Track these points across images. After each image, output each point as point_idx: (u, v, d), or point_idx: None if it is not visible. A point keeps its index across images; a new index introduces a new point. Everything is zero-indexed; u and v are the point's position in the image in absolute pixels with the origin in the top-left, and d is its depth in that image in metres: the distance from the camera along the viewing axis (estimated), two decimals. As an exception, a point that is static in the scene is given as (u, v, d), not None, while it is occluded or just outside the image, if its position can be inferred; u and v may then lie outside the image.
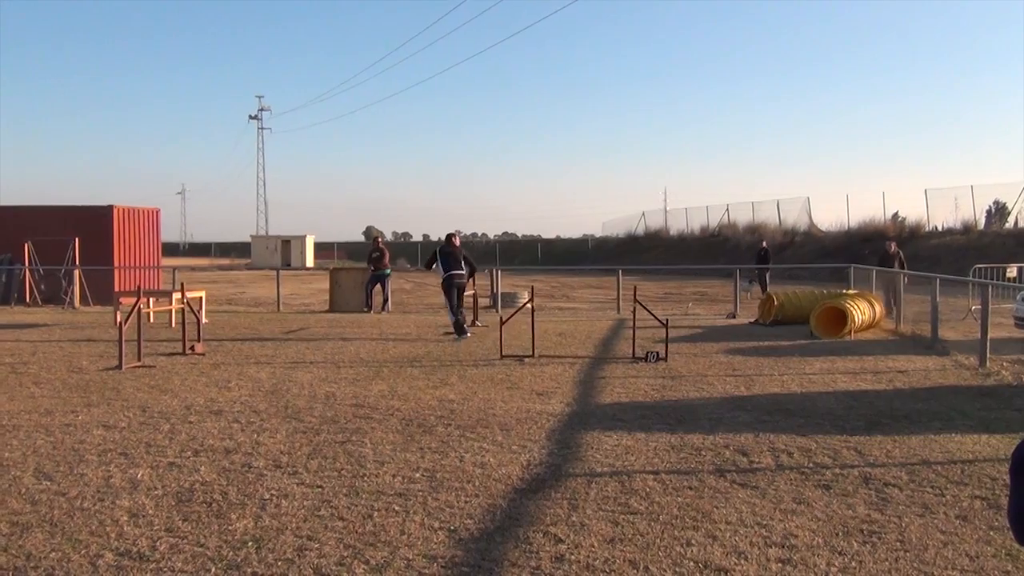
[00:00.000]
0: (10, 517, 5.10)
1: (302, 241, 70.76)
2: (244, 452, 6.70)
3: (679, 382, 10.10)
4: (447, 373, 10.83)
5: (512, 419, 7.97)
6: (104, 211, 25.21)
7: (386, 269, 21.91)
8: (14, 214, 25.67)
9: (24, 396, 9.17)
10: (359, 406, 8.59)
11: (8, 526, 4.94)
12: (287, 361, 11.97)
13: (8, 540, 4.70)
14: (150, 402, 8.82)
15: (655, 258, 57.84)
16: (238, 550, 4.55)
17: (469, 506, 5.34)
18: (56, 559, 4.42)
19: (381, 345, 13.89)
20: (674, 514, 5.18)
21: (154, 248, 27.40)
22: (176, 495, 5.56)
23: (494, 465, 6.31)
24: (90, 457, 6.55)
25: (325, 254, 79.58)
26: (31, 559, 4.42)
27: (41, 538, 4.74)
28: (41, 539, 4.73)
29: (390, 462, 6.39)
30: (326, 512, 5.21)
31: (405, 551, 4.54)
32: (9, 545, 4.62)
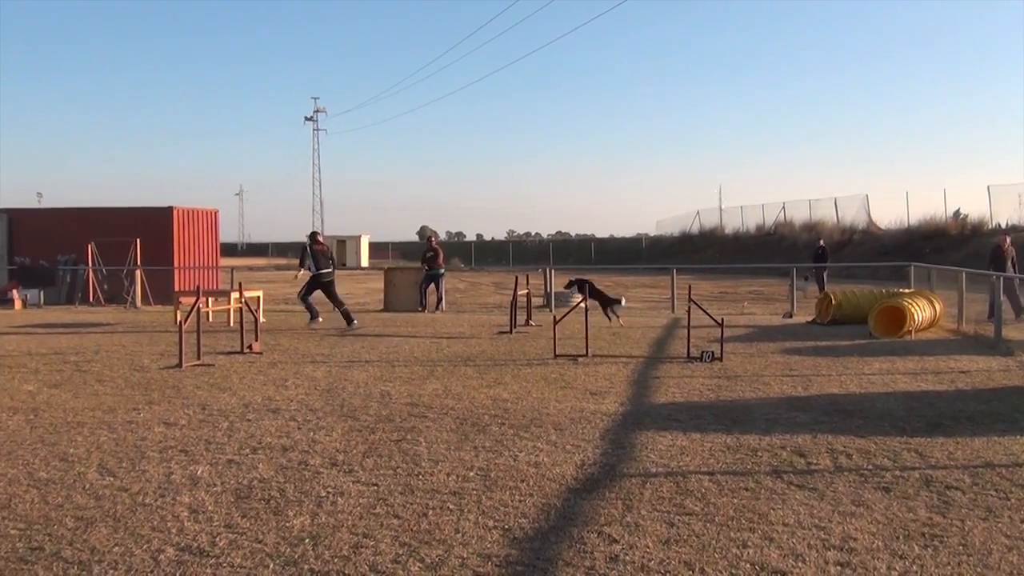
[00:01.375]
0: (75, 512, 5.22)
1: (357, 241, 71.36)
2: (301, 450, 6.78)
3: (735, 382, 10.01)
4: (501, 372, 10.85)
5: (566, 418, 7.96)
6: (164, 212, 25.69)
7: (440, 269, 22.00)
8: (78, 215, 26.27)
9: (88, 394, 9.38)
10: (414, 405, 8.64)
11: (73, 520, 5.06)
12: (343, 360, 12.08)
13: (73, 534, 4.81)
14: (209, 400, 8.96)
15: (710, 257, 57.40)
16: (295, 547, 4.60)
17: (523, 505, 5.34)
18: (119, 553, 4.51)
19: (435, 344, 13.96)
20: (730, 515, 5.13)
21: (213, 248, 27.86)
22: (235, 492, 5.64)
23: (548, 464, 6.31)
24: (151, 454, 6.67)
25: (380, 254, 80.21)
26: (95, 553, 4.52)
27: (105, 532, 4.84)
28: (105, 533, 4.83)
29: (444, 461, 6.42)
30: (381, 510, 5.25)
31: (460, 549, 4.55)
32: (74, 539, 4.73)
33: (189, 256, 26.26)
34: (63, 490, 5.68)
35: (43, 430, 7.53)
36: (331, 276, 17.12)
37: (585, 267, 55.18)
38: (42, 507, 5.32)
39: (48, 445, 6.96)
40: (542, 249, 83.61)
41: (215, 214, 28.22)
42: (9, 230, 26.59)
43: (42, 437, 7.26)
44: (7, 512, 5.21)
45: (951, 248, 38.34)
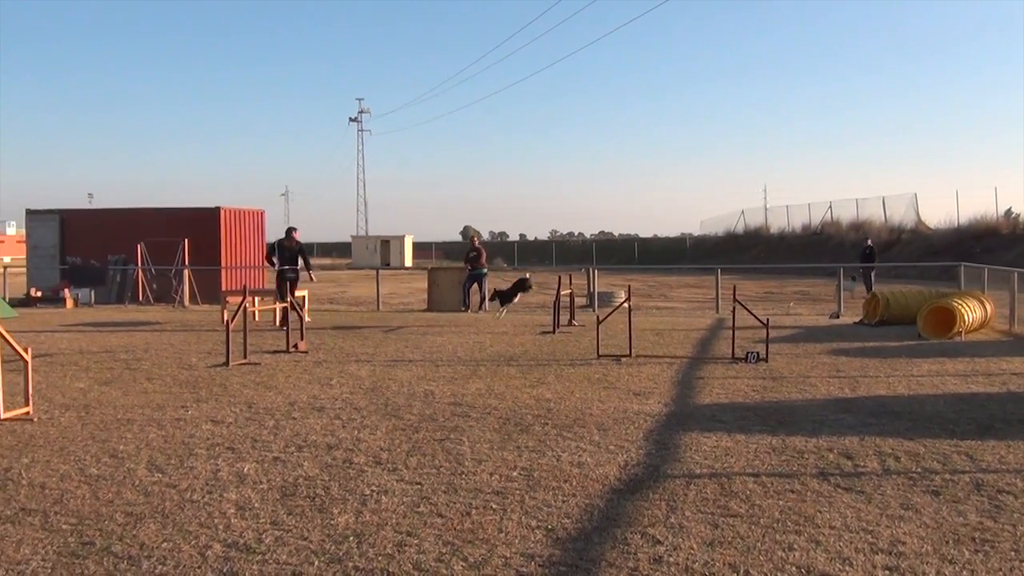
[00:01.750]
0: (125, 507, 5.31)
1: (401, 241, 71.73)
2: (345, 448, 6.83)
3: (780, 383, 9.91)
4: (544, 372, 10.84)
5: (609, 419, 7.93)
6: (212, 213, 26.01)
7: (483, 268, 22.03)
8: (128, 216, 26.71)
9: (137, 391, 9.52)
10: (457, 404, 8.66)
11: (123, 516, 5.14)
12: (386, 359, 12.15)
13: (123, 529, 4.89)
14: (256, 398, 9.06)
15: (755, 257, 56.90)
16: (340, 544, 4.64)
17: (566, 505, 5.33)
18: (168, 549, 4.58)
19: (478, 344, 13.99)
20: (775, 517, 5.08)
21: (259, 248, 28.15)
22: (280, 489, 5.70)
23: (591, 465, 6.29)
24: (199, 451, 6.76)
25: (423, 254, 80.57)
26: (144, 548, 4.58)
27: (154, 528, 4.92)
28: (154, 529, 4.90)
29: (488, 460, 6.43)
30: (425, 509, 5.27)
31: (503, 549, 4.56)
32: (124, 534, 4.81)
33: (236, 256, 26.57)
34: (113, 486, 5.78)
35: (94, 427, 7.67)
36: (294, 274, 17.14)
37: (628, 267, 55.00)
38: (93, 503, 5.41)
39: (99, 442, 7.09)
40: (585, 249, 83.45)
41: (262, 214, 28.53)
42: (61, 230, 27.11)
43: (93, 434, 7.39)
44: (59, 507, 5.31)
45: (1002, 248, 37.64)
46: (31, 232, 27.67)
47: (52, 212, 27.46)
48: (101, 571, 4.25)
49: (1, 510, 5.25)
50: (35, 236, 27.45)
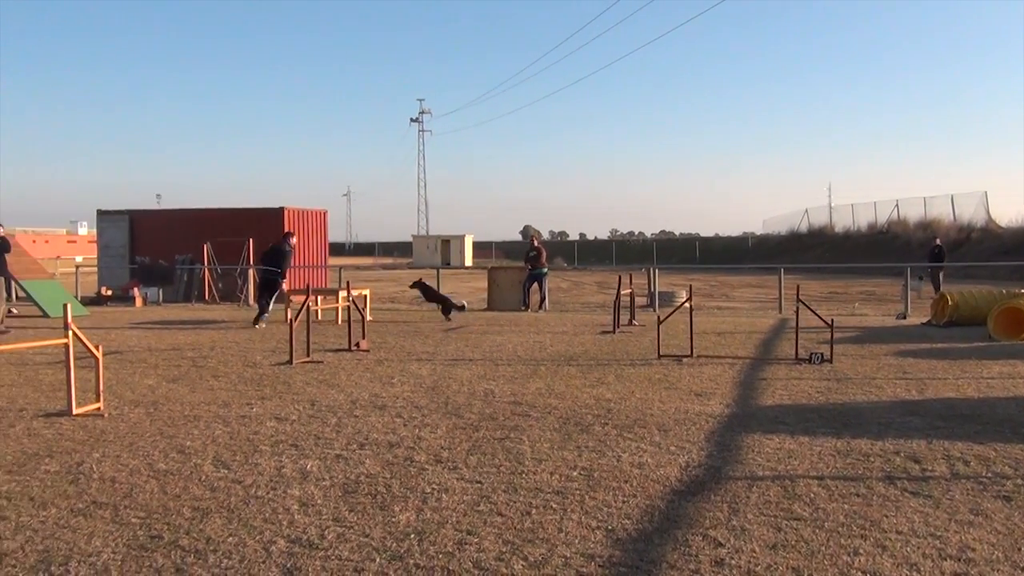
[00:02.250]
0: (192, 502, 5.41)
1: (461, 241, 72.11)
2: (406, 446, 6.88)
3: (845, 385, 9.75)
4: (604, 372, 10.81)
5: (670, 419, 7.88)
6: (276, 213, 26.39)
7: (543, 268, 22.06)
8: (194, 216, 27.23)
9: (204, 388, 9.70)
10: (517, 403, 8.68)
11: (190, 510, 5.24)
12: (447, 358, 12.22)
13: (190, 524, 4.99)
14: (318, 396, 9.17)
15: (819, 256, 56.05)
16: (401, 541, 4.67)
17: (627, 506, 5.31)
18: (233, 544, 4.65)
19: (538, 343, 13.99)
20: (840, 521, 5.00)
21: (322, 248, 28.52)
22: (343, 486, 5.76)
23: (652, 466, 6.25)
24: (264, 447, 6.87)
25: (483, 253, 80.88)
26: (210, 543, 4.67)
27: (219, 523, 5.01)
28: (219, 524, 4.99)
29: (548, 460, 6.43)
30: (485, 507, 5.29)
31: (563, 549, 4.55)
32: (191, 529, 4.90)
33: (299, 255, 26.91)
34: (181, 481, 5.89)
35: (162, 423, 7.83)
36: (278, 276, 17.68)
37: (689, 266, 54.53)
38: (161, 497, 5.52)
39: (167, 437, 7.23)
40: (646, 248, 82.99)
41: (324, 214, 28.88)
42: (131, 230, 27.74)
43: (161, 430, 7.54)
44: (129, 501, 5.43)
45: (1078, 247, 36.54)
46: (102, 232, 28.37)
47: (122, 213, 28.11)
48: (169, 564, 4.34)
49: (74, 503, 5.39)
50: (106, 236, 28.13)
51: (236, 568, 4.29)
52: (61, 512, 5.21)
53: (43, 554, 4.49)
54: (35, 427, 7.65)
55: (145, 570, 4.26)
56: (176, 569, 4.27)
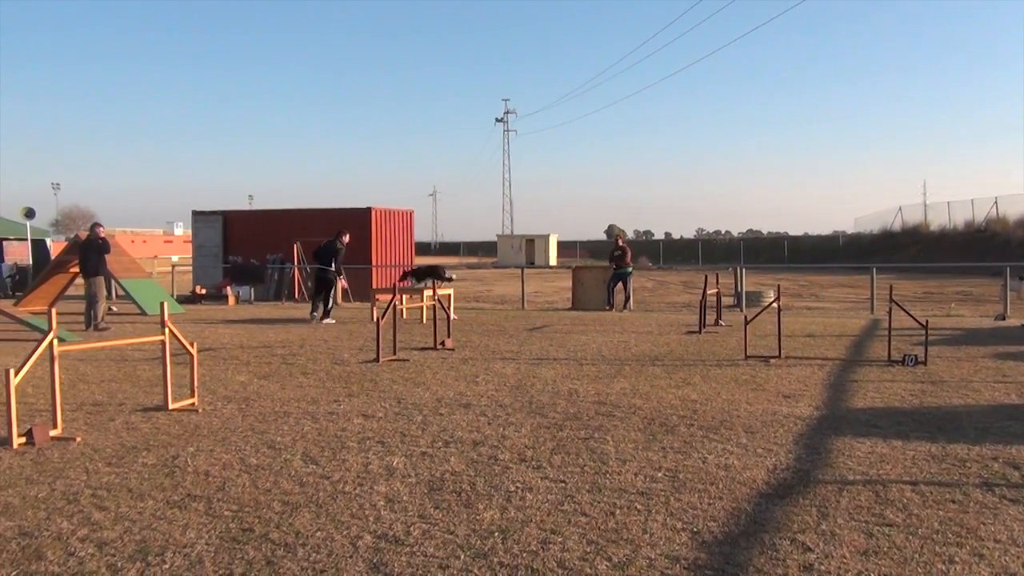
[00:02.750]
0: (282, 497, 5.53)
1: (546, 240, 72.11)
2: (491, 445, 6.91)
3: (940, 388, 9.46)
4: (689, 372, 10.70)
5: (757, 421, 7.76)
6: (364, 213, 26.78)
7: (628, 267, 21.94)
8: (285, 216, 27.81)
9: (293, 385, 9.90)
10: (601, 403, 8.65)
11: (280, 505, 5.36)
12: (531, 357, 12.24)
13: (280, 518, 5.10)
14: (404, 394, 9.28)
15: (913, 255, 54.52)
16: (485, 539, 4.70)
17: (712, 508, 5.24)
18: (321, 538, 4.74)
19: (623, 343, 13.92)
20: (935, 528, 4.85)
21: (408, 247, 28.83)
22: (428, 483, 5.82)
23: (738, 468, 6.16)
24: (351, 444, 6.97)
25: (567, 252, 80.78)
26: (299, 536, 4.77)
27: (308, 518, 5.10)
28: (308, 518, 5.09)
29: (632, 460, 6.39)
30: (569, 507, 5.28)
31: (647, 550, 4.52)
32: (281, 522, 5.01)
33: (386, 255, 27.27)
34: (271, 476, 6.03)
35: (253, 419, 8.02)
36: (328, 273, 18.43)
37: (778, 266, 53.60)
38: (252, 491, 5.66)
39: (258, 433, 7.41)
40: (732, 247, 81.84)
41: (410, 214, 29.19)
42: (224, 230, 28.46)
43: (252, 425, 7.73)
44: (222, 495, 5.57)
45: None
46: (196, 232, 29.15)
47: (216, 213, 28.85)
48: (260, 557, 4.44)
49: (169, 495, 5.56)
50: (200, 236, 28.91)
51: (324, 562, 4.37)
52: (158, 504, 5.37)
53: (141, 544, 4.64)
54: (133, 421, 7.91)
55: (237, 562, 4.37)
56: (267, 562, 4.37)
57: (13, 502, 5.41)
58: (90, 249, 17.42)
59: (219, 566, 4.31)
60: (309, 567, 4.30)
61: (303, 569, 4.27)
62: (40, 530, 4.88)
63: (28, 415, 7.87)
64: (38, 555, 4.47)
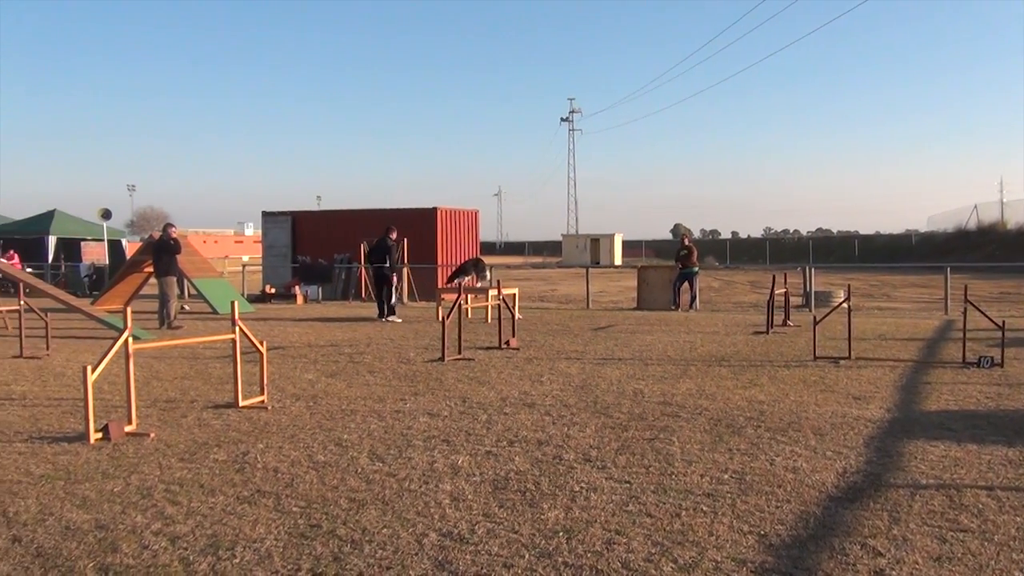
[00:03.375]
0: (349, 494, 5.60)
1: (610, 239, 71.82)
2: (555, 444, 6.91)
3: (1018, 390, 9.20)
4: (757, 373, 10.56)
5: (826, 423, 7.63)
6: (429, 213, 26.96)
7: (694, 267, 21.76)
8: (352, 216, 28.12)
9: (360, 384, 10.01)
10: (666, 404, 8.59)
11: (347, 501, 5.42)
12: (596, 357, 12.20)
13: (347, 514, 5.16)
14: (469, 393, 9.32)
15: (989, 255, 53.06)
16: (550, 539, 4.70)
17: (780, 511, 5.17)
18: (387, 535, 4.79)
19: (689, 343, 13.80)
20: (1011, 535, 4.72)
21: (473, 247, 28.93)
22: (492, 482, 5.84)
23: (807, 470, 6.07)
24: (416, 442, 7.03)
25: (632, 252, 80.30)
26: (366, 533, 4.82)
27: (374, 514, 5.16)
28: (374, 515, 5.14)
29: (698, 461, 6.33)
30: (634, 508, 5.26)
31: (713, 552, 4.48)
32: (348, 519, 5.07)
33: (451, 254, 27.40)
34: (338, 473, 6.10)
35: (321, 416, 8.13)
36: (391, 270, 19.13)
37: (848, 265, 52.64)
38: (320, 488, 5.73)
39: (325, 430, 7.51)
40: (801, 246, 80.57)
41: (475, 214, 29.31)
42: (293, 231, 28.89)
43: (320, 423, 7.83)
44: (290, 491, 5.66)
45: None
46: (266, 232, 29.64)
47: (285, 214, 29.31)
48: (327, 553, 4.50)
49: (239, 491, 5.66)
50: (270, 236, 29.39)
51: (390, 559, 4.41)
52: (228, 499, 5.48)
53: (212, 538, 4.74)
54: (205, 418, 8.08)
55: (305, 557, 4.43)
56: (334, 557, 4.43)
57: (90, 496, 5.57)
58: (161, 250, 17.83)
59: (287, 561, 4.38)
60: (375, 563, 4.34)
61: (369, 566, 4.31)
62: (115, 523, 5.01)
63: (104, 411, 8.08)
64: (114, 547, 4.59)
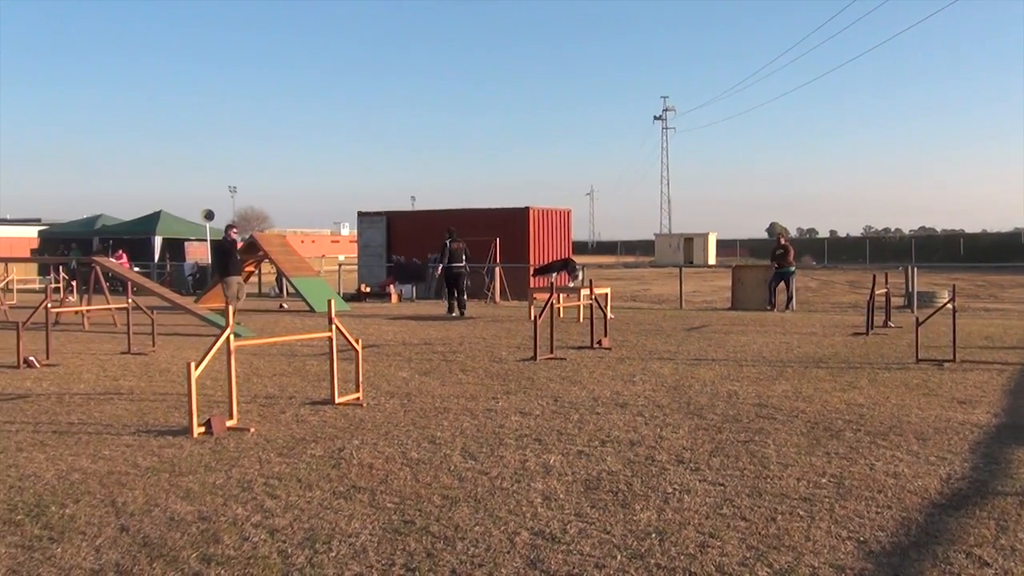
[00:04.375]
0: (441, 491, 5.65)
1: (704, 238, 70.99)
2: (648, 445, 6.86)
3: None
4: (856, 375, 10.30)
5: (929, 428, 7.40)
6: (521, 212, 27.04)
7: (790, 266, 21.37)
8: (445, 216, 28.37)
9: (453, 382, 10.11)
10: (762, 406, 8.44)
11: (440, 498, 5.48)
12: (689, 358, 12.07)
13: (440, 511, 5.21)
14: (561, 392, 9.32)
15: (1106, 253, 50.73)
16: (642, 540, 4.67)
17: (880, 517, 5.03)
18: (479, 533, 4.82)
19: (785, 344, 13.55)
20: None
21: (565, 246, 28.91)
22: (584, 482, 5.82)
23: (908, 476, 5.90)
24: (508, 441, 7.06)
25: (727, 251, 79.20)
26: (458, 530, 4.86)
27: (467, 512, 5.20)
28: (467, 513, 5.18)
29: (794, 465, 6.21)
30: (728, 511, 5.18)
31: (810, 558, 4.38)
32: (441, 516, 5.12)
33: (543, 254, 27.43)
34: (431, 470, 6.17)
35: (415, 414, 8.23)
36: (461, 269, 20.03)
37: (952, 265, 50.95)
38: (413, 484, 5.81)
39: (419, 428, 7.59)
40: (903, 246, 78.30)
41: (568, 214, 29.29)
42: (388, 231, 29.32)
43: (414, 420, 7.93)
44: (384, 487, 5.75)
45: None
46: (362, 232, 30.16)
47: (380, 214, 29.77)
48: (420, 549, 4.55)
49: (335, 486, 5.77)
50: (365, 236, 29.89)
51: (482, 556, 4.44)
52: (324, 494, 5.59)
53: (309, 532, 4.84)
54: (302, 414, 8.26)
55: (399, 553, 4.50)
56: (427, 554, 4.48)
57: (193, 488, 5.74)
58: (218, 251, 18.18)
59: (382, 556, 4.45)
60: (467, 560, 4.38)
61: (462, 563, 4.35)
62: (217, 515, 5.16)
63: (207, 406, 8.33)
64: (215, 539, 4.73)
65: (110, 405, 8.79)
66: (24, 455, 6.65)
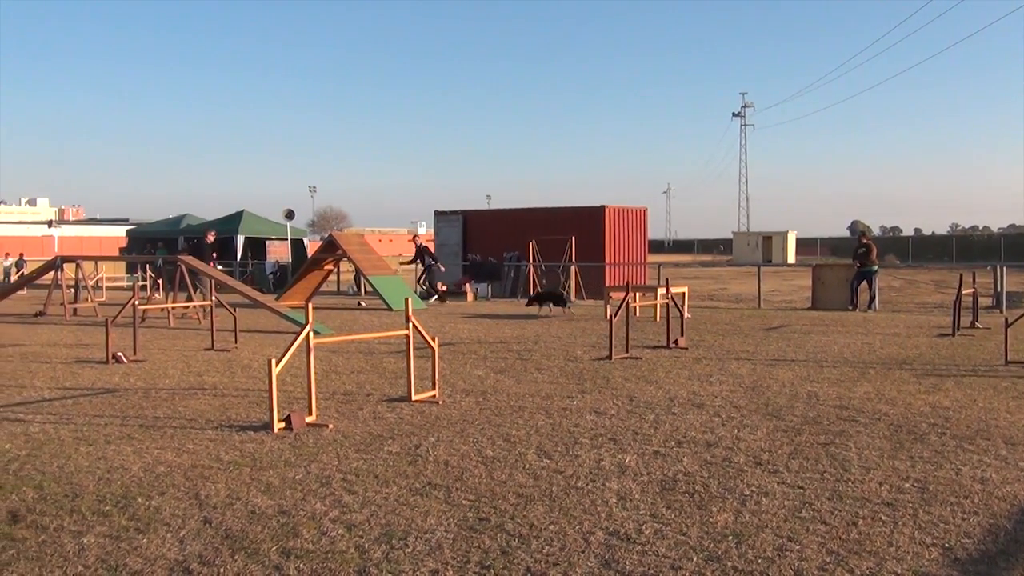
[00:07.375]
0: (516, 489, 5.67)
1: (783, 237, 69.90)
2: (724, 446, 6.78)
3: None
4: (941, 378, 10.03)
5: (1019, 432, 7.16)
6: (597, 211, 26.94)
7: (873, 265, 20.92)
8: (521, 215, 28.47)
9: (528, 380, 10.12)
10: (843, 408, 8.27)
11: (514, 496, 5.49)
12: (767, 358, 11.89)
13: (515, 509, 5.23)
14: (636, 392, 9.27)
15: None
16: (718, 542, 4.61)
17: (966, 524, 4.89)
18: (554, 531, 4.82)
19: (867, 345, 13.25)
20: None
21: (641, 245, 28.74)
22: (660, 483, 5.78)
23: (996, 482, 5.72)
24: (583, 440, 7.04)
25: (806, 250, 77.81)
26: (533, 529, 4.87)
27: (542, 511, 5.20)
28: (542, 511, 5.18)
29: (876, 468, 6.07)
30: (807, 514, 5.09)
31: (892, 564, 4.28)
32: (515, 514, 5.13)
33: (619, 253, 27.30)
34: (506, 468, 6.19)
35: (490, 412, 8.26)
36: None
37: (1044, 264, 49.21)
38: (488, 482, 5.83)
39: (494, 426, 7.62)
40: (991, 244, 75.95)
41: (644, 212, 29.10)
42: (464, 229, 29.50)
43: (489, 418, 7.96)
44: (460, 484, 5.78)
45: None
46: (438, 231, 30.39)
47: (456, 213, 29.97)
48: (495, 546, 4.57)
49: (412, 482, 5.83)
50: (442, 235, 30.12)
51: (556, 555, 4.44)
52: (401, 490, 5.65)
53: (385, 528, 4.90)
54: (379, 411, 8.35)
55: (474, 550, 4.52)
56: (502, 551, 4.50)
57: (273, 482, 5.86)
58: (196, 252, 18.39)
59: (457, 553, 4.48)
60: (542, 559, 4.38)
61: (536, 561, 4.35)
62: (296, 509, 5.25)
63: (287, 402, 8.48)
64: (295, 533, 4.82)
65: (194, 400, 9.01)
66: (112, 448, 6.86)
